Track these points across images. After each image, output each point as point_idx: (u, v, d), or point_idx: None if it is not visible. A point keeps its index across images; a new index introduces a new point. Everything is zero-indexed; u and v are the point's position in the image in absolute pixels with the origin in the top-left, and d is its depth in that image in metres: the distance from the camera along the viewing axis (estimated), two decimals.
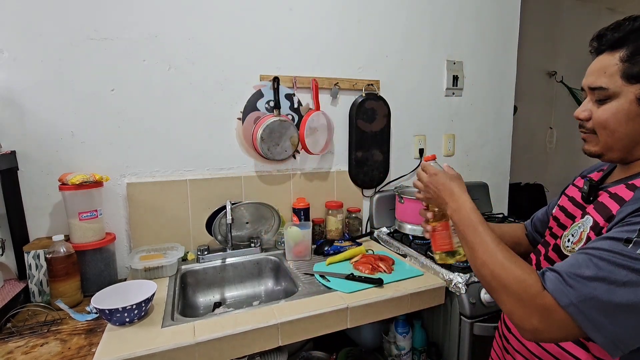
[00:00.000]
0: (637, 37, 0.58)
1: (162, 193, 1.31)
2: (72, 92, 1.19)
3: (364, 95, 1.57)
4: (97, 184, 1.15)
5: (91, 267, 1.13)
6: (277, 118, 1.37)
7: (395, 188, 1.65)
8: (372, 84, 1.60)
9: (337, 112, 1.56)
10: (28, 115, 1.15)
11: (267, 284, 1.37)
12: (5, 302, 0.98)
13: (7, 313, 0.96)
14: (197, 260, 1.30)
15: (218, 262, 1.32)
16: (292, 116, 1.46)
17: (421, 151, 1.76)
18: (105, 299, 0.92)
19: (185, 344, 0.83)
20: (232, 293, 1.32)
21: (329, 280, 1.14)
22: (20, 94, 1.13)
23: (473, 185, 1.83)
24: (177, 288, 1.12)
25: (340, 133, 1.59)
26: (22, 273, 1.12)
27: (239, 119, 1.40)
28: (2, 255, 1.09)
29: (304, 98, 1.49)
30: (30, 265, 1.06)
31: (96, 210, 1.14)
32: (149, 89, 1.27)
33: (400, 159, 1.72)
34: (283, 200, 1.49)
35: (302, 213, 1.46)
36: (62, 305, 1.00)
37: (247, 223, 1.40)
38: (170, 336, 0.85)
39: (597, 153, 0.66)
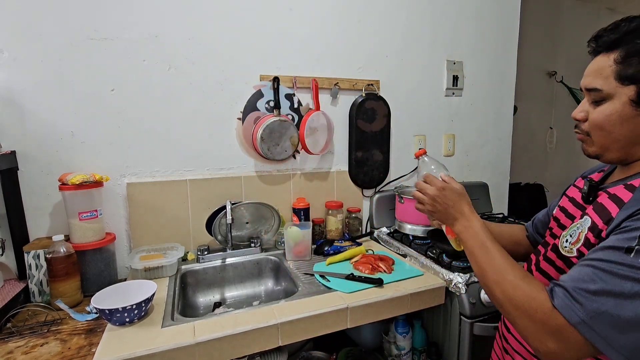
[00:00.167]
0: (631, 38, 0.58)
1: (162, 193, 1.31)
2: (72, 92, 1.19)
3: (364, 95, 1.57)
4: (97, 184, 1.15)
5: (91, 267, 1.13)
6: (277, 118, 1.37)
7: (395, 188, 1.65)
8: (372, 84, 1.60)
9: (337, 112, 1.56)
10: (28, 115, 1.15)
11: (267, 284, 1.37)
12: (5, 302, 0.98)
13: (7, 313, 0.96)
14: (197, 260, 1.31)
15: (218, 262, 1.32)
16: (292, 116, 1.46)
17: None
18: (105, 299, 0.92)
19: (185, 344, 0.83)
20: (232, 293, 1.32)
21: (329, 280, 1.14)
22: (20, 94, 1.13)
23: (473, 185, 1.82)
24: (177, 288, 1.12)
25: (340, 133, 1.59)
26: (22, 273, 1.12)
27: (239, 119, 1.40)
28: (2, 255, 1.09)
29: (304, 98, 1.49)
30: (30, 265, 1.06)
31: (96, 210, 1.15)
32: (149, 89, 1.27)
33: (400, 159, 1.72)
34: (283, 200, 1.49)
35: (302, 213, 1.46)
36: (62, 305, 1.00)
37: (247, 223, 1.40)
38: (170, 336, 0.85)
39: (595, 154, 0.67)
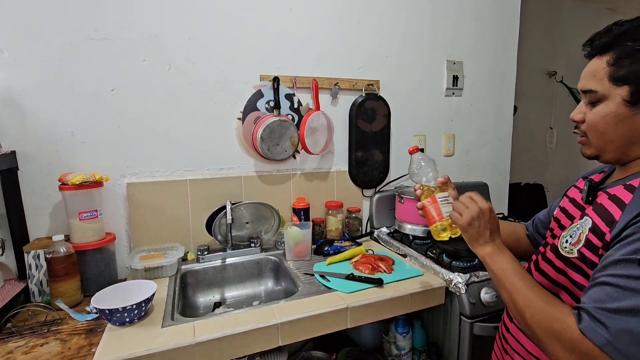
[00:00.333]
0: (622, 41, 0.60)
1: (162, 193, 1.31)
2: (72, 92, 1.19)
3: (364, 95, 1.57)
4: (97, 184, 1.15)
5: (91, 267, 1.13)
6: (277, 118, 1.37)
7: (395, 188, 1.65)
8: (372, 84, 1.60)
9: (337, 112, 1.56)
10: (28, 115, 1.15)
11: (267, 284, 1.37)
12: (5, 302, 0.98)
13: (7, 313, 0.96)
14: (197, 260, 1.31)
15: (218, 262, 1.32)
16: (292, 116, 1.46)
17: (421, 151, 1.76)
18: (105, 299, 0.92)
19: (185, 344, 0.83)
20: (232, 293, 1.32)
21: (329, 280, 1.14)
22: (20, 94, 1.13)
23: (473, 185, 1.82)
24: (177, 288, 1.12)
25: (340, 133, 1.59)
26: (22, 273, 1.12)
27: (239, 119, 1.40)
28: (2, 255, 1.09)
29: (304, 98, 1.49)
30: (30, 265, 1.06)
31: (96, 210, 1.15)
32: (149, 89, 1.27)
33: (400, 159, 1.72)
34: (283, 200, 1.49)
35: (302, 213, 1.46)
36: (62, 305, 1.00)
37: (247, 223, 1.40)
38: (170, 336, 0.85)
39: (593, 155, 0.68)
